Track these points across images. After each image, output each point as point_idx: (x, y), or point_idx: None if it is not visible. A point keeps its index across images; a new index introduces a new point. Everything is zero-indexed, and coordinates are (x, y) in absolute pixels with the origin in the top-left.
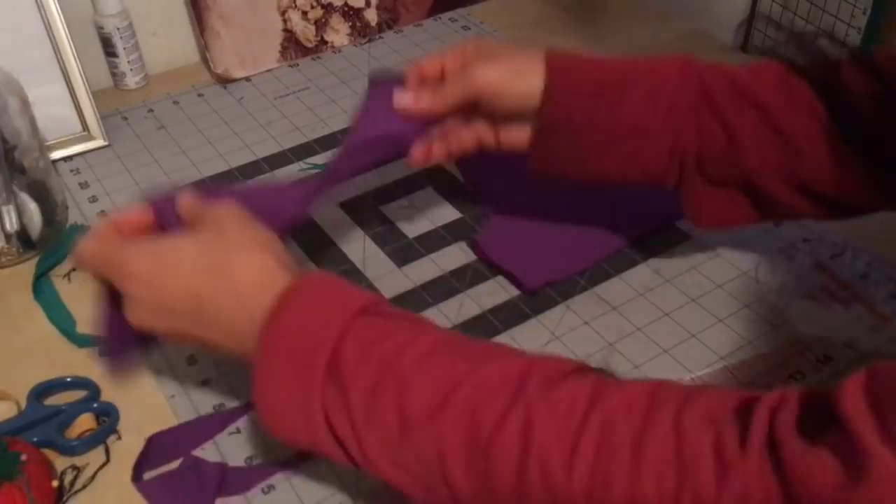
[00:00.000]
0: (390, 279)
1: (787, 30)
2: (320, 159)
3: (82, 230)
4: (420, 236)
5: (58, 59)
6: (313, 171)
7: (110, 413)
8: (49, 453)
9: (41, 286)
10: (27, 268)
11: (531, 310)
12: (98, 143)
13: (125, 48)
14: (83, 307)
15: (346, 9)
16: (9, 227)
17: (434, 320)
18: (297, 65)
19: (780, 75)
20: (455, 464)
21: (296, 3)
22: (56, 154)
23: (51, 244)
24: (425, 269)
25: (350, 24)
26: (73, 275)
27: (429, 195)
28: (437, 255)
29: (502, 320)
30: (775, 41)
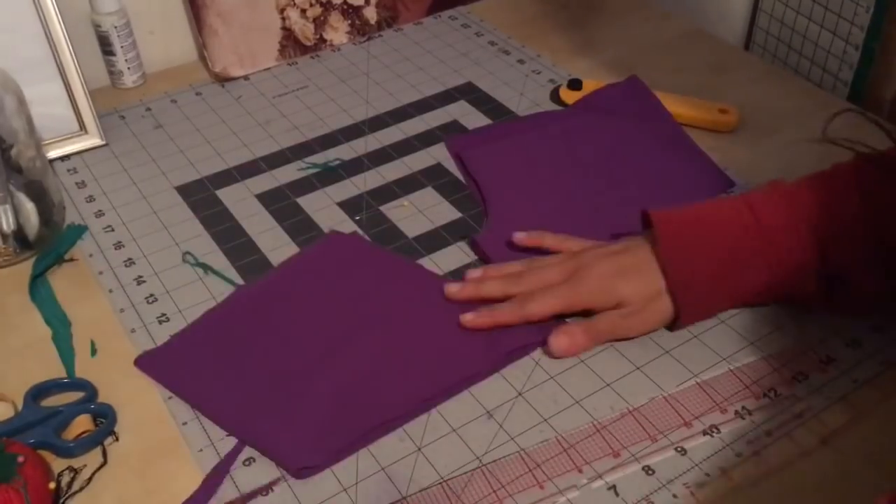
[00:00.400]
0: None
1: (790, 28)
2: (319, 158)
3: (79, 230)
4: (420, 236)
5: (55, 58)
6: (312, 171)
7: (108, 414)
8: (46, 455)
9: (38, 286)
10: (24, 268)
11: None
12: (95, 141)
13: (122, 46)
14: (79, 308)
15: (346, 7)
16: (5, 227)
17: None
18: (296, 63)
19: (861, 178)
20: None
21: (294, 1)
22: (53, 153)
23: (48, 244)
24: None
25: (349, 22)
26: (71, 274)
27: (429, 195)
28: (437, 255)
29: None
30: (778, 39)
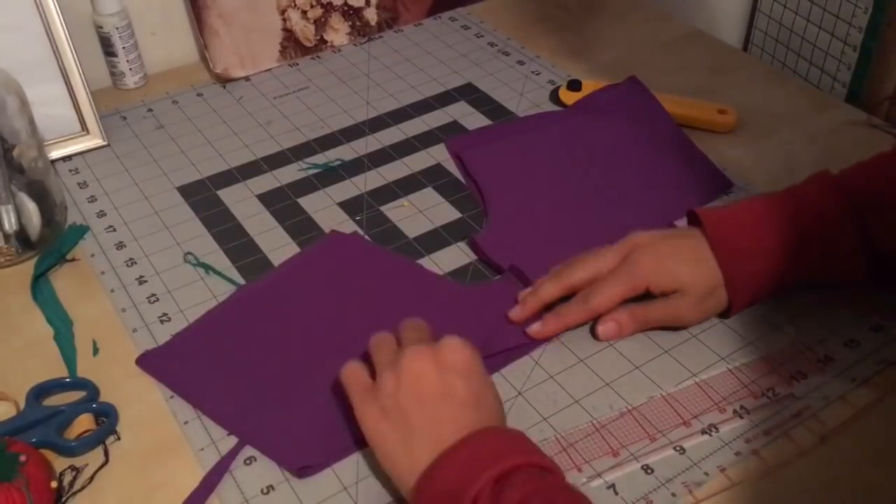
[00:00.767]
0: None
1: (788, 29)
2: (320, 159)
3: (81, 230)
4: (420, 236)
5: (57, 59)
6: (313, 171)
7: (109, 414)
8: (48, 454)
9: (40, 286)
10: (26, 268)
11: None
12: (97, 142)
13: (124, 47)
14: (81, 308)
15: (346, 8)
16: (8, 228)
17: None
18: (297, 64)
19: None
20: None
21: (295, 2)
22: (55, 154)
23: (50, 244)
24: None
25: (350, 23)
26: (73, 274)
27: (429, 195)
28: (437, 255)
29: None
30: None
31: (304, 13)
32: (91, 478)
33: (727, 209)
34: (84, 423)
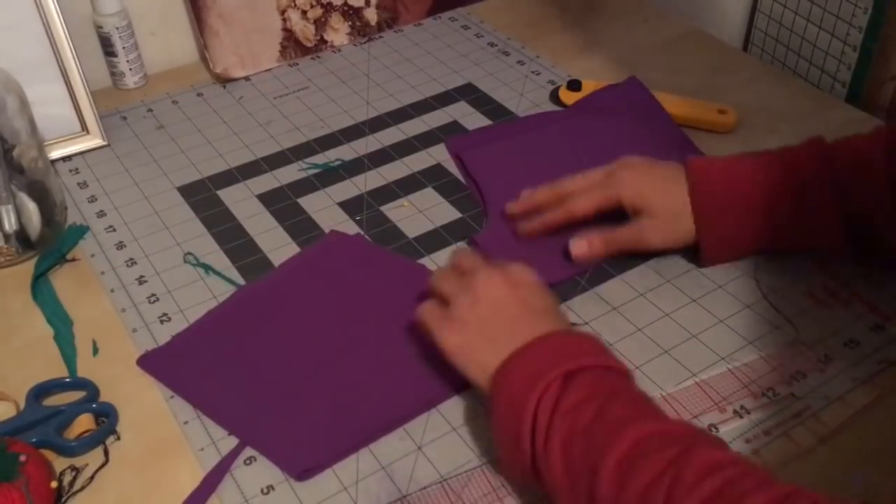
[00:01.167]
0: None
1: (788, 29)
2: (320, 159)
3: (81, 230)
4: (420, 236)
5: (57, 59)
6: (313, 171)
7: (109, 414)
8: (48, 454)
9: (40, 286)
10: (26, 268)
11: None
12: (97, 142)
13: (124, 47)
14: (81, 308)
15: (346, 8)
16: (8, 228)
17: None
18: (297, 64)
19: (888, 137)
20: (608, 467)
21: (295, 2)
22: (55, 154)
23: (50, 244)
24: None
25: (350, 23)
26: (73, 274)
27: (429, 195)
28: (437, 255)
29: None
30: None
31: (304, 13)
32: (91, 478)
33: (715, 158)
34: (84, 423)
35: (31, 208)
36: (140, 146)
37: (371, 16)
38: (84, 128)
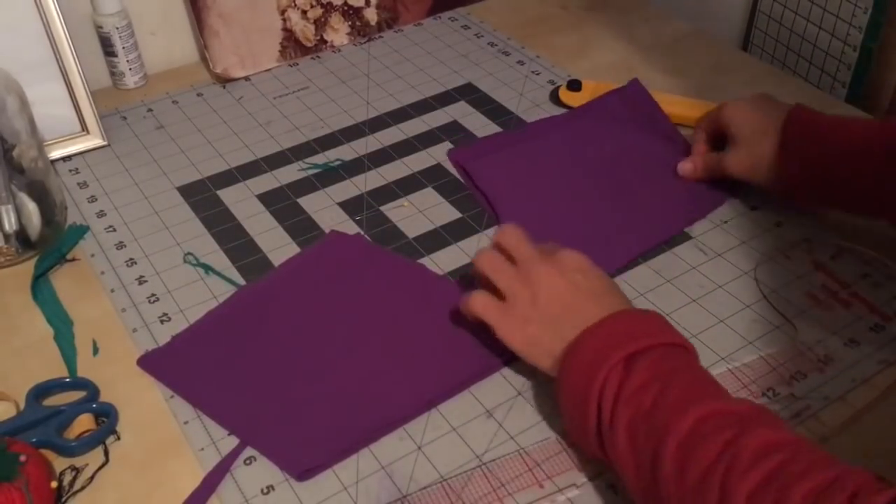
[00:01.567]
0: None
1: (788, 29)
2: (320, 159)
3: (81, 230)
4: (420, 236)
5: (57, 59)
6: (313, 171)
7: (109, 414)
8: (48, 454)
9: (40, 286)
10: (26, 268)
11: None
12: (97, 142)
13: (124, 47)
14: (81, 308)
15: (346, 8)
16: (8, 228)
17: None
18: (297, 64)
19: None
20: (668, 450)
21: (295, 2)
22: (55, 154)
23: (50, 244)
24: None
25: (350, 23)
26: (73, 274)
27: (429, 195)
28: (437, 255)
29: None
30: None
31: (304, 13)
32: (91, 478)
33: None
34: (84, 423)
35: (31, 208)
36: (140, 146)
37: (371, 16)
38: (84, 128)
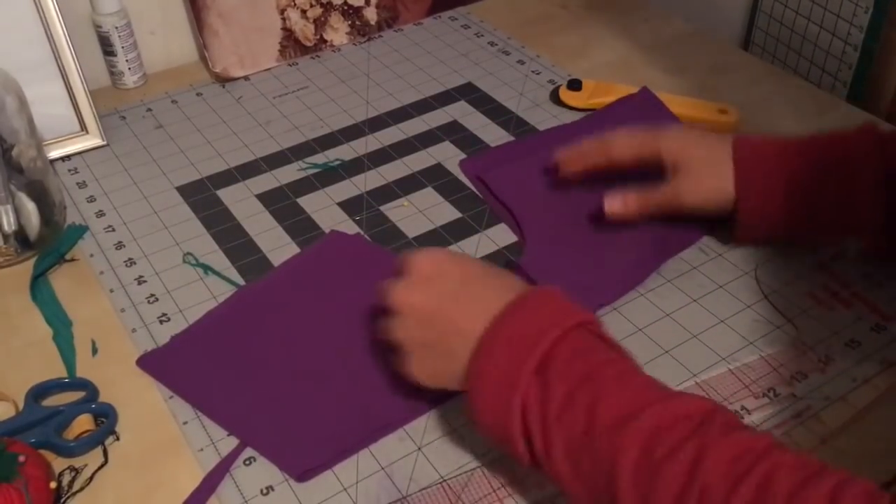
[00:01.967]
0: None
1: (789, 29)
2: (319, 159)
3: (80, 230)
4: (420, 236)
5: (56, 58)
6: (313, 171)
7: (108, 414)
8: (47, 454)
9: (39, 286)
10: (25, 268)
11: None
12: (96, 142)
13: (123, 47)
14: (80, 308)
15: (346, 7)
16: (6, 227)
17: None
18: (297, 64)
19: None
20: (624, 477)
21: (295, 1)
22: (54, 153)
23: (49, 244)
24: None
25: (349, 22)
26: (72, 274)
27: (429, 195)
28: None
29: None
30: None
31: (303, 12)
32: (90, 478)
33: (764, 134)
34: (83, 423)
35: (30, 208)
36: (139, 146)
37: (371, 15)
38: (83, 127)
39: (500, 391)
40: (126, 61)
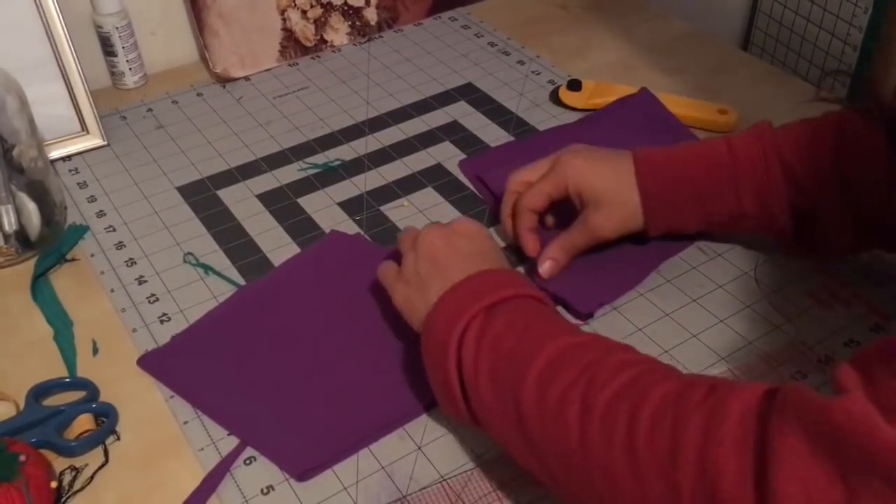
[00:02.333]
0: None
1: (788, 29)
2: (320, 159)
3: (81, 230)
4: None
5: (56, 59)
6: (313, 171)
7: (109, 414)
8: (48, 454)
9: (40, 286)
10: (26, 268)
11: None
12: (97, 142)
13: (124, 47)
14: (81, 308)
15: (346, 8)
16: (7, 228)
17: None
18: (297, 64)
19: (844, 125)
20: (528, 382)
21: (295, 1)
22: (55, 153)
23: (49, 244)
24: None
25: (350, 23)
26: (73, 274)
27: (429, 195)
28: None
29: None
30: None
31: (303, 13)
32: (91, 478)
33: (663, 147)
34: (84, 423)
35: (31, 208)
36: (140, 146)
37: (371, 15)
38: (84, 128)
39: (451, 319)
40: (127, 61)
